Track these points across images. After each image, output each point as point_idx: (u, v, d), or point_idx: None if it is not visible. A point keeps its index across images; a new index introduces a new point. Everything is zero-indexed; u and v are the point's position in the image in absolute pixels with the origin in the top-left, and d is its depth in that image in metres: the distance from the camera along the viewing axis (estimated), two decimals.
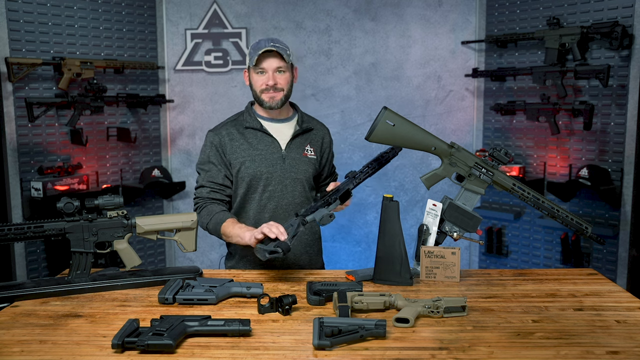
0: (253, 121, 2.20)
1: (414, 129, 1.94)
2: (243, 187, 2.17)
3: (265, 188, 2.16)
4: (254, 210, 2.18)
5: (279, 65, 2.13)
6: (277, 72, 2.14)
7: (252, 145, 2.17)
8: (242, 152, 2.16)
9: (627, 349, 1.41)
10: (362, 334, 1.45)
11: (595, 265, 3.31)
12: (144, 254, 3.90)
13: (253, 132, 2.19)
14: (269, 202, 2.17)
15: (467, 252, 4.03)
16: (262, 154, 2.16)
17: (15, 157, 3.28)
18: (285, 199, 2.17)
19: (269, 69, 2.13)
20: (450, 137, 3.90)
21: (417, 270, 1.99)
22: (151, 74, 3.89)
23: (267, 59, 2.12)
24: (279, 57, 2.12)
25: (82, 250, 1.90)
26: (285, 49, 2.14)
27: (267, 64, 2.12)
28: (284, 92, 2.15)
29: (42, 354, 1.41)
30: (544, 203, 1.99)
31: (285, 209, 2.17)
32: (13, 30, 3.23)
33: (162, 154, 4.03)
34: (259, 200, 2.17)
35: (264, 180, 2.16)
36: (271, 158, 2.16)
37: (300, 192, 2.18)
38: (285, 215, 2.16)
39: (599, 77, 3.12)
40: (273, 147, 2.17)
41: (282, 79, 2.14)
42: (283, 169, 2.16)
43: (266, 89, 2.13)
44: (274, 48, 2.11)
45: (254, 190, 2.17)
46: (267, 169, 2.15)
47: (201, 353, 1.40)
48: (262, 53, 2.10)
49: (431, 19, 3.93)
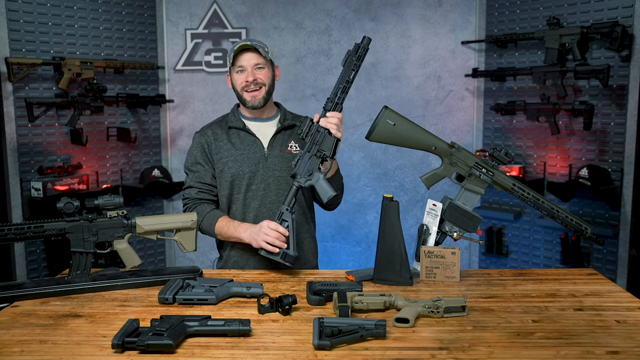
0: (236, 121, 2.21)
1: (415, 128, 1.94)
2: (227, 188, 2.18)
3: (249, 187, 2.17)
4: (239, 211, 2.18)
5: (257, 61, 2.13)
6: (256, 68, 2.14)
7: (235, 145, 2.18)
8: (225, 153, 2.17)
9: (627, 349, 1.41)
10: (362, 334, 1.45)
11: (595, 265, 3.31)
12: (144, 254, 3.90)
13: (236, 132, 2.20)
14: (253, 202, 2.17)
15: (467, 252, 4.03)
16: (244, 153, 2.17)
17: (15, 157, 3.28)
18: (269, 198, 2.17)
19: (247, 66, 2.13)
20: (450, 137, 3.89)
21: (417, 270, 1.99)
22: (151, 74, 3.89)
23: (244, 56, 2.13)
24: (256, 53, 2.13)
25: (82, 250, 1.90)
26: (262, 46, 2.14)
27: (245, 61, 2.13)
28: (266, 87, 2.15)
29: (42, 354, 1.41)
30: (544, 203, 1.99)
31: (269, 207, 2.17)
32: (13, 30, 3.23)
33: (162, 154, 4.03)
34: (243, 200, 2.17)
35: (246, 179, 2.16)
36: (253, 157, 2.16)
37: (285, 190, 2.16)
38: (269, 213, 2.15)
39: (599, 77, 3.12)
40: (255, 147, 2.18)
41: (262, 74, 2.14)
42: (265, 168, 2.16)
43: (247, 86, 2.13)
44: (250, 43, 2.11)
45: (237, 191, 2.18)
46: (249, 168, 2.16)
47: (201, 353, 1.40)
48: (239, 51, 2.11)
49: (431, 19, 3.93)
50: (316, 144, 1.98)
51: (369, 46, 1.96)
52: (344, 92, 1.96)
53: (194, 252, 2.14)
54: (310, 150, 1.98)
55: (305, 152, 1.99)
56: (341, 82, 1.96)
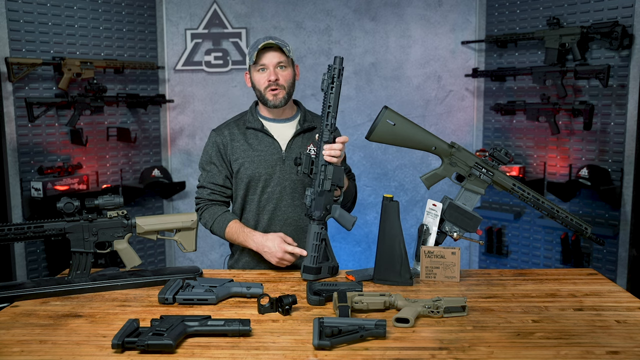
0: (255, 121, 2.18)
1: (415, 128, 1.94)
2: (242, 189, 2.17)
3: (264, 190, 2.15)
4: (253, 212, 2.17)
5: (280, 60, 2.10)
6: (279, 67, 2.10)
7: (252, 146, 2.16)
8: (241, 153, 2.15)
9: (627, 349, 1.41)
10: (362, 334, 1.45)
11: (595, 265, 3.31)
12: (144, 254, 3.90)
13: (254, 133, 2.17)
14: (268, 204, 2.16)
15: (467, 252, 4.03)
16: (261, 155, 2.14)
17: (15, 157, 3.28)
18: (284, 201, 2.16)
19: (269, 65, 2.09)
20: (450, 137, 3.90)
21: (417, 270, 1.99)
22: (151, 74, 3.89)
23: (267, 55, 2.09)
24: (279, 52, 2.09)
25: (82, 250, 1.90)
26: (284, 44, 2.11)
27: (268, 60, 2.09)
28: (286, 89, 2.12)
29: (42, 354, 1.41)
30: (544, 203, 1.99)
31: (284, 210, 2.16)
32: (13, 30, 3.23)
33: (162, 154, 4.03)
34: (257, 201, 2.16)
35: (262, 181, 2.15)
36: (270, 159, 2.14)
37: (301, 193, 2.16)
38: (284, 217, 2.16)
39: (599, 77, 3.12)
40: (273, 149, 2.15)
41: (284, 75, 2.11)
42: (282, 171, 2.15)
43: (269, 85, 2.09)
44: (274, 42, 2.08)
45: (253, 192, 2.17)
46: (265, 170, 2.14)
47: (201, 353, 1.40)
48: (261, 49, 2.08)
49: (431, 19, 3.93)
50: (327, 179, 1.97)
51: (342, 65, 1.93)
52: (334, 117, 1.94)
53: (194, 252, 2.14)
54: (322, 186, 1.97)
55: (316, 190, 1.97)
56: (326, 109, 1.94)
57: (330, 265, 1.99)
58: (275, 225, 2.16)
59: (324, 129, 1.95)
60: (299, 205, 2.17)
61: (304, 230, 2.15)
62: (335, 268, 2.01)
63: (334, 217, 2.00)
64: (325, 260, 1.99)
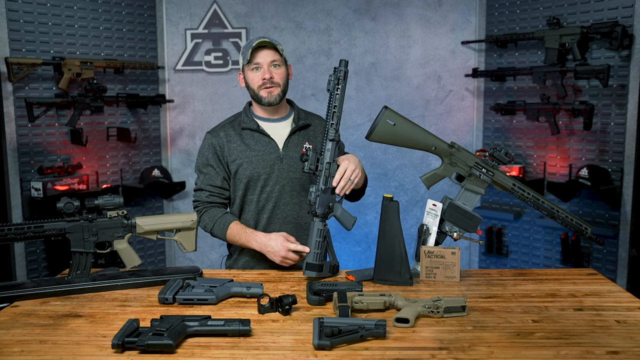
0: (250, 122, 2.19)
1: (415, 128, 1.94)
2: (241, 189, 2.17)
3: (263, 189, 2.16)
4: (252, 212, 2.18)
5: (274, 58, 2.12)
6: (273, 65, 2.12)
7: (249, 146, 2.16)
8: (239, 154, 2.16)
9: (627, 349, 1.41)
10: (362, 334, 1.45)
11: (595, 265, 3.31)
12: (144, 254, 3.90)
13: (250, 133, 2.18)
14: (267, 203, 2.16)
15: (467, 252, 4.03)
16: (259, 155, 2.15)
17: (15, 157, 3.28)
18: (283, 199, 2.16)
19: (264, 64, 2.11)
20: (450, 137, 3.90)
21: (417, 270, 1.99)
22: (151, 74, 3.89)
23: (260, 53, 2.11)
24: (272, 50, 2.12)
25: (82, 250, 1.90)
26: (278, 43, 2.14)
27: (262, 58, 2.11)
28: (281, 87, 2.14)
29: (42, 354, 1.41)
30: (544, 203, 1.99)
31: (283, 209, 2.16)
32: (13, 30, 3.23)
33: (162, 154, 4.03)
34: (256, 201, 2.17)
35: (261, 181, 2.15)
36: (268, 159, 2.15)
37: (299, 191, 2.17)
38: (283, 215, 2.16)
39: (599, 77, 3.12)
40: (270, 148, 2.16)
41: (278, 73, 2.13)
42: (281, 169, 2.15)
43: (263, 84, 2.11)
44: (267, 39, 2.11)
45: (252, 192, 2.17)
46: (264, 170, 2.14)
47: (201, 353, 1.40)
48: (255, 48, 2.10)
49: (431, 19, 3.93)
50: (331, 176, 1.98)
51: (347, 68, 1.96)
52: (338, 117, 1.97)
53: (194, 252, 2.14)
54: (327, 184, 1.98)
55: (321, 188, 1.97)
56: (332, 108, 1.97)
57: (332, 264, 2.00)
58: (275, 223, 2.17)
59: (329, 127, 1.97)
60: (297, 203, 2.17)
61: (303, 228, 2.16)
62: (336, 267, 2.01)
63: (335, 216, 2.00)
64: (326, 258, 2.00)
